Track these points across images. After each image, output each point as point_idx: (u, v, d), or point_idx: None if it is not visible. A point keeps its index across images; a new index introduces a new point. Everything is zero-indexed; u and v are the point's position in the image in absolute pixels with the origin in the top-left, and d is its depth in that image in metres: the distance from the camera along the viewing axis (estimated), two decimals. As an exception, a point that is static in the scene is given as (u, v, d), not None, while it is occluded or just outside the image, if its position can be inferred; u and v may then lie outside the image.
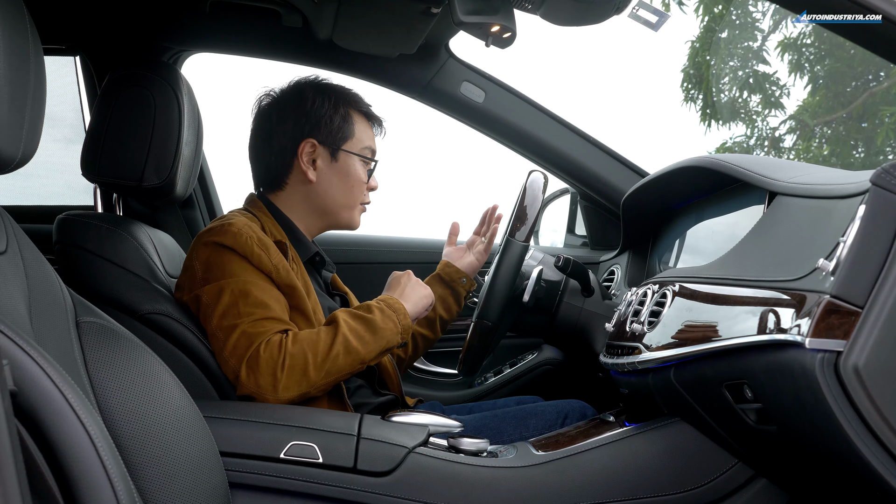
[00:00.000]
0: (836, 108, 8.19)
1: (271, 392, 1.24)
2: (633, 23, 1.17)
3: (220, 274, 1.31)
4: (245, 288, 1.29)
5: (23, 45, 0.79)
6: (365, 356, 1.32)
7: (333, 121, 1.47)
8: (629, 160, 1.93)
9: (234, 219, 1.37)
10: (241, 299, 1.28)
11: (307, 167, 1.47)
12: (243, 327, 1.26)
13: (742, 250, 1.07)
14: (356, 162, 1.49)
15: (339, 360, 1.28)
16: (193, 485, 0.87)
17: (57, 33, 1.79)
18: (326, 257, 1.58)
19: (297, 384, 1.25)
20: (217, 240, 1.33)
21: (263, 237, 1.36)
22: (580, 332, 1.55)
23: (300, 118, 1.47)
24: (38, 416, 0.66)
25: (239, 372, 1.24)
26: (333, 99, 1.49)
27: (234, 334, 1.26)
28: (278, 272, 1.33)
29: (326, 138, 1.47)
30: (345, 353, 1.29)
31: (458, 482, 1.10)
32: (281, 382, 1.24)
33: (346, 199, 1.50)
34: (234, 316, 1.27)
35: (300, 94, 1.49)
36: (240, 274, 1.31)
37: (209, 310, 1.30)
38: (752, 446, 1.06)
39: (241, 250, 1.32)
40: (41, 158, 0.92)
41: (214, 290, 1.30)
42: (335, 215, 1.52)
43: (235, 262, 1.31)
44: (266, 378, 1.23)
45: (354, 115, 1.51)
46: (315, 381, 1.26)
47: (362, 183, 1.51)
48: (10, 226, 0.86)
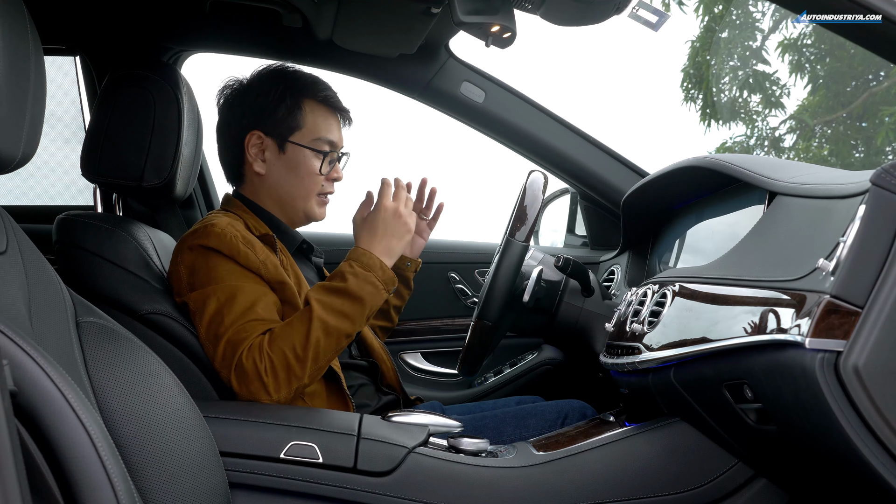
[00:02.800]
0: (836, 108, 8.20)
1: (265, 395, 1.23)
2: (633, 23, 1.17)
3: (205, 279, 1.29)
4: (230, 293, 1.27)
5: (23, 45, 0.79)
6: (349, 329, 1.28)
7: (278, 111, 1.44)
8: (629, 160, 1.93)
9: (216, 219, 1.35)
10: (225, 307, 1.26)
11: (254, 160, 1.45)
12: (228, 336, 1.25)
13: (742, 250, 1.07)
14: (307, 153, 1.45)
15: (320, 344, 1.24)
16: (193, 485, 0.87)
17: (57, 33, 1.79)
18: (312, 244, 1.57)
19: (286, 382, 1.23)
20: (201, 242, 1.31)
21: (248, 235, 1.34)
22: (580, 332, 1.55)
23: (246, 109, 1.46)
24: (38, 416, 0.66)
25: (231, 382, 1.24)
26: (282, 88, 1.45)
27: (221, 345, 1.25)
28: (266, 268, 1.32)
29: (272, 130, 1.44)
30: (325, 336, 1.25)
31: (458, 482, 1.10)
32: (270, 385, 1.22)
33: (298, 190, 1.46)
34: (219, 325, 1.26)
35: (250, 85, 1.48)
36: (225, 278, 1.28)
37: (196, 318, 1.29)
38: (752, 446, 1.06)
39: (226, 250, 1.30)
40: (41, 158, 0.92)
41: (200, 297, 1.28)
42: (292, 207, 1.48)
43: (221, 265, 1.29)
44: (255, 384, 1.22)
45: (308, 105, 1.46)
46: (303, 372, 1.24)
47: (314, 174, 1.46)
48: (10, 226, 0.86)
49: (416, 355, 2.10)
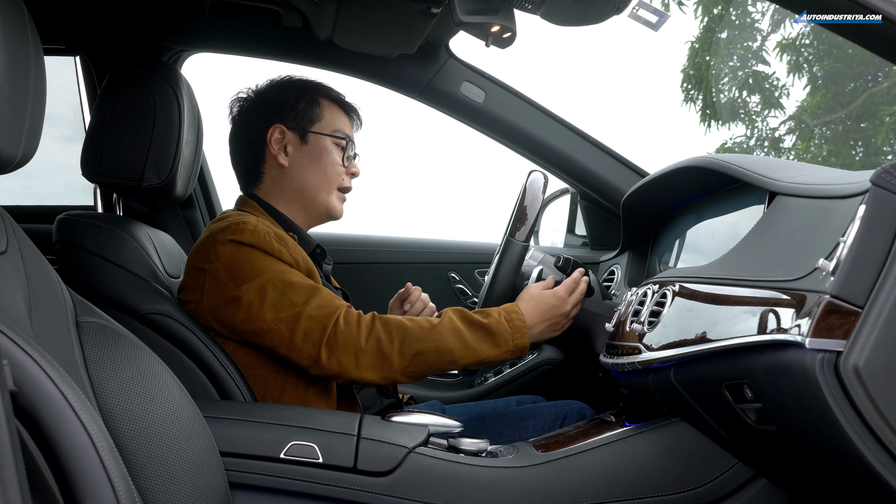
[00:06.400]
0: (835, 109, 8.20)
1: (354, 369, 1.25)
2: (633, 23, 1.17)
3: (250, 272, 1.28)
4: (285, 278, 1.27)
5: (23, 45, 0.79)
6: (457, 357, 1.29)
7: (298, 105, 1.47)
8: (629, 160, 1.93)
9: (245, 216, 1.34)
10: (287, 289, 1.27)
11: (277, 152, 1.46)
12: (308, 312, 1.25)
13: (742, 250, 1.07)
14: (328, 143, 1.47)
15: (428, 354, 1.27)
16: (193, 485, 0.87)
17: (57, 33, 1.79)
18: (325, 250, 1.58)
19: (379, 366, 1.25)
20: (236, 238, 1.30)
21: (280, 232, 1.34)
22: (580, 332, 1.54)
23: (265, 108, 1.48)
24: (38, 416, 0.66)
25: (319, 355, 1.24)
26: (297, 87, 1.50)
27: (301, 321, 1.25)
28: (298, 265, 1.32)
29: (294, 122, 1.47)
30: (436, 352, 1.28)
31: (458, 482, 1.10)
32: (364, 360, 1.24)
33: (321, 181, 1.47)
34: (290, 305, 1.26)
35: (265, 90, 1.51)
36: (272, 267, 1.28)
37: (255, 308, 1.26)
38: (752, 446, 1.06)
39: (262, 246, 1.29)
40: (41, 158, 0.92)
41: (254, 287, 1.27)
42: (313, 201, 1.48)
43: (261, 259, 1.29)
44: (348, 356, 1.24)
45: (323, 101, 1.50)
46: (399, 367, 1.26)
47: (337, 164, 1.48)
48: (10, 226, 0.86)
49: (416, 355, 2.09)
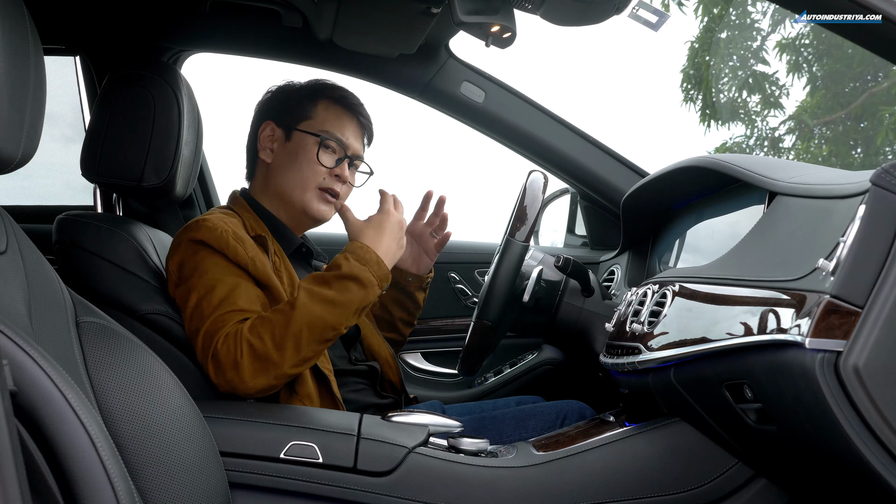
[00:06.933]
0: (835, 109, 8.20)
1: (241, 384, 1.19)
2: (633, 23, 1.17)
3: (189, 273, 1.29)
4: (210, 285, 1.26)
5: (23, 45, 0.79)
6: (334, 320, 1.24)
7: (291, 101, 1.49)
8: (629, 160, 1.93)
9: (210, 215, 1.36)
10: (204, 299, 1.25)
11: (263, 149, 1.48)
12: (206, 327, 1.24)
13: (742, 250, 1.07)
14: (310, 141, 1.45)
15: (302, 333, 1.21)
16: (193, 485, 0.87)
17: (57, 33, 1.79)
18: (316, 248, 1.57)
19: (262, 369, 1.19)
20: (191, 236, 1.31)
21: (239, 232, 1.34)
22: (580, 332, 1.55)
23: (266, 104, 1.53)
24: (38, 416, 0.66)
25: (209, 373, 1.22)
26: (302, 86, 1.52)
27: (200, 337, 1.24)
28: (255, 265, 1.31)
29: (283, 119, 1.48)
30: (308, 325, 1.21)
31: (458, 482, 1.10)
32: (245, 372, 1.19)
33: (296, 179, 1.45)
34: (199, 319, 1.25)
35: (278, 87, 1.55)
36: (209, 270, 1.28)
37: (181, 314, 1.29)
38: (752, 446, 1.06)
39: (215, 244, 1.29)
40: (41, 158, 0.92)
41: (184, 292, 1.28)
42: (290, 199, 1.46)
43: (208, 258, 1.29)
44: (230, 372, 1.19)
45: (323, 101, 1.49)
46: (281, 360, 1.20)
47: (313, 163, 1.44)
48: (10, 226, 0.86)
49: (417, 355, 2.10)
